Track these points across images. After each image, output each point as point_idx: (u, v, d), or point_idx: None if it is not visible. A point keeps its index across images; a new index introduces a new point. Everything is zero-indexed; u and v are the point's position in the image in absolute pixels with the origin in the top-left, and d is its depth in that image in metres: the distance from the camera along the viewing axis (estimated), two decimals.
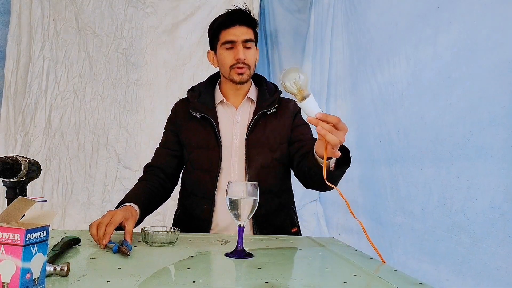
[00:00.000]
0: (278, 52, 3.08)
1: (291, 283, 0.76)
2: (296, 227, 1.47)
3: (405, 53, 1.69)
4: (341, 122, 0.96)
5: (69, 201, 2.78)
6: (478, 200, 1.23)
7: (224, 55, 1.39)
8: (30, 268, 0.58)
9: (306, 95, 0.96)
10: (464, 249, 1.29)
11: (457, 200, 1.33)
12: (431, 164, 1.49)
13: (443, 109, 1.43)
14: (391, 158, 1.79)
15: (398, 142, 1.74)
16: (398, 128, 1.74)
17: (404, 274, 0.87)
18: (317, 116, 0.95)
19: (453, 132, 1.36)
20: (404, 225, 1.66)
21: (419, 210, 1.55)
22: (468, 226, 1.27)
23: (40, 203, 0.64)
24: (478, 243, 1.23)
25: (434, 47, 1.49)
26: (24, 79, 2.77)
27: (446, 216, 1.38)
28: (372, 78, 2.01)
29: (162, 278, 0.77)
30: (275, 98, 1.44)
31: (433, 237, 1.46)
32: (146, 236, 1.07)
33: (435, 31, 1.49)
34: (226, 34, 1.37)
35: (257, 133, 1.39)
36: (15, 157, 0.87)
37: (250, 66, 1.38)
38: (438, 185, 1.43)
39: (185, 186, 1.48)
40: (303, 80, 0.96)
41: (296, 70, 0.97)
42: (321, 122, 0.95)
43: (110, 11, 2.89)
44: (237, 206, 0.96)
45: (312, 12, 3.09)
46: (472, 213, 1.26)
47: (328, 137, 0.94)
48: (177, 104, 1.53)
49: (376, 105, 1.97)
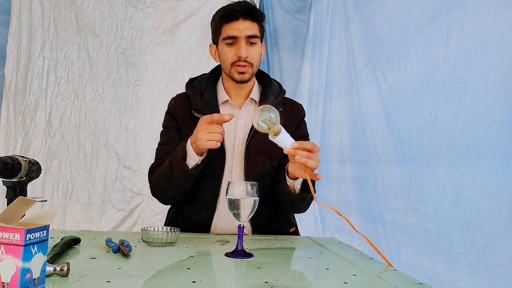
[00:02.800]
0: (277, 53, 3.09)
1: (291, 283, 0.76)
2: (293, 226, 1.46)
3: (416, 54, 1.69)
4: (315, 146, 1.04)
5: (69, 201, 2.78)
6: (494, 201, 1.23)
7: (225, 50, 1.29)
8: (30, 268, 0.58)
9: (278, 130, 1.02)
10: (479, 250, 1.28)
11: (472, 201, 1.32)
12: (445, 165, 1.48)
13: (457, 110, 1.42)
14: (402, 159, 1.78)
15: (410, 142, 1.73)
16: (410, 128, 1.73)
17: (404, 274, 0.87)
18: (293, 146, 1.03)
19: (467, 133, 1.36)
20: (415, 226, 1.66)
21: (432, 211, 1.55)
22: (484, 227, 1.27)
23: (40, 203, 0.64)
24: (494, 244, 1.22)
25: (447, 48, 1.49)
26: (24, 79, 2.77)
27: (460, 217, 1.37)
28: (381, 79, 2.00)
29: (162, 278, 0.77)
30: (279, 101, 1.37)
31: (446, 238, 1.45)
32: (146, 236, 1.07)
33: (446, 32, 1.49)
34: (228, 29, 1.27)
35: (258, 139, 1.31)
36: (15, 157, 0.87)
37: (252, 64, 1.29)
38: (452, 185, 1.43)
39: None
40: (274, 118, 1.02)
41: (268, 109, 1.03)
42: (298, 151, 1.02)
43: (110, 11, 2.90)
44: (237, 206, 0.97)
45: (311, 13, 3.09)
46: (488, 214, 1.25)
47: (309, 163, 1.02)
48: (175, 101, 1.42)
49: (385, 105, 1.96)
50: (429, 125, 1.59)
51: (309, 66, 3.06)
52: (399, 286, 0.77)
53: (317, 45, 2.94)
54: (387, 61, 1.95)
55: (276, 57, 3.08)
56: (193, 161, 1.20)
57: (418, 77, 1.68)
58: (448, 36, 1.48)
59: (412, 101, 1.73)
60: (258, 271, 0.84)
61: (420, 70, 1.67)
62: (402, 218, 1.76)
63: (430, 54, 1.60)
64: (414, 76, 1.71)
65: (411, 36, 1.74)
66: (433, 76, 1.58)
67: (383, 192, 1.93)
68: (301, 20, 3.11)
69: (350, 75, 2.36)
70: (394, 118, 1.87)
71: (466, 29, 1.38)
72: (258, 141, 1.32)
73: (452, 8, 1.46)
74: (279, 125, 1.03)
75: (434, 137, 1.55)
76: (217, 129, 1.13)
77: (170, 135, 1.38)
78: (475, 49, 1.34)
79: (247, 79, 1.31)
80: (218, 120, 1.13)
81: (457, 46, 1.43)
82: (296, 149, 1.02)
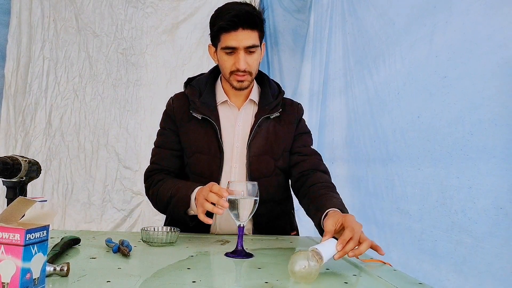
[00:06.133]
0: (277, 53, 3.09)
1: (291, 283, 0.76)
2: (295, 230, 1.46)
3: (400, 52, 1.69)
4: (353, 231, 0.89)
5: (69, 201, 2.78)
6: (480, 200, 1.23)
7: (224, 59, 1.27)
8: (30, 268, 0.58)
9: (321, 262, 0.81)
10: (465, 249, 1.28)
11: (458, 200, 1.32)
12: (429, 164, 1.48)
13: (440, 109, 1.42)
14: (386, 158, 1.78)
15: (394, 141, 1.73)
16: (394, 127, 1.74)
17: (404, 274, 0.87)
18: (337, 249, 0.87)
19: (452, 132, 1.36)
20: (400, 225, 1.66)
21: (416, 210, 1.55)
22: (470, 226, 1.27)
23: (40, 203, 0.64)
24: (481, 243, 1.22)
25: (430, 47, 1.48)
26: (24, 79, 2.77)
27: (445, 216, 1.38)
28: (368, 78, 2.00)
29: (162, 278, 0.77)
30: (278, 102, 1.36)
31: (431, 237, 1.45)
32: (146, 236, 1.07)
33: (431, 30, 1.48)
34: (227, 39, 1.22)
35: (259, 139, 1.31)
36: (15, 157, 0.87)
37: (251, 72, 1.28)
38: (437, 185, 1.43)
39: None
40: (314, 266, 0.77)
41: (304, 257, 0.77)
42: (346, 251, 0.87)
43: (110, 11, 2.90)
44: (237, 206, 0.96)
45: (311, 13, 3.09)
46: (474, 213, 1.25)
47: (361, 251, 0.90)
48: (173, 101, 1.39)
49: (371, 104, 1.96)
50: (412, 124, 1.59)
51: (309, 65, 3.06)
52: (399, 286, 0.77)
53: (317, 44, 2.94)
54: (373, 59, 1.95)
55: (276, 57, 3.08)
56: (194, 211, 1.16)
57: (401, 76, 1.68)
58: (432, 35, 1.47)
59: (395, 100, 1.73)
60: (258, 271, 0.84)
61: (403, 69, 1.67)
62: (388, 217, 1.76)
63: (414, 53, 1.59)
64: (398, 75, 1.71)
65: (398, 35, 1.74)
66: (415, 75, 1.58)
67: (374, 191, 1.93)
68: (301, 20, 3.11)
69: (346, 74, 2.36)
70: (379, 117, 1.88)
71: (451, 27, 1.37)
72: (260, 141, 1.32)
73: (438, 6, 1.44)
74: (315, 263, 0.78)
75: (417, 136, 1.55)
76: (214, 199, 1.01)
77: (167, 138, 1.37)
78: (460, 47, 1.33)
79: (246, 86, 1.30)
80: (218, 191, 1.01)
81: (441, 44, 1.42)
82: (344, 251, 0.87)
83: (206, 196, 1.01)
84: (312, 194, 1.22)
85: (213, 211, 1.00)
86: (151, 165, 1.36)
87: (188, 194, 1.14)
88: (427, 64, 1.50)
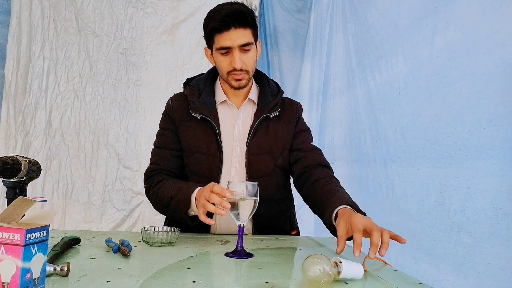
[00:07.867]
0: (277, 53, 3.09)
1: (291, 283, 0.76)
2: (295, 229, 1.46)
3: (403, 53, 1.69)
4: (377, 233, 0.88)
5: (69, 201, 2.78)
6: (479, 200, 1.23)
7: (220, 60, 1.27)
8: (30, 268, 0.58)
9: (339, 270, 0.77)
10: (464, 249, 1.28)
11: (456, 200, 1.32)
12: (429, 164, 1.48)
13: (440, 109, 1.42)
14: (387, 158, 1.78)
15: (394, 141, 1.73)
16: (395, 127, 1.74)
17: (404, 274, 0.87)
18: (365, 268, 0.84)
19: (451, 132, 1.36)
20: (400, 225, 1.66)
21: (415, 210, 1.55)
22: (469, 226, 1.27)
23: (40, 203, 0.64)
24: (480, 243, 1.22)
25: (431, 47, 1.48)
26: (24, 79, 2.77)
27: (444, 216, 1.38)
28: (370, 78, 2.01)
29: (162, 278, 0.77)
30: (277, 101, 1.36)
31: (430, 237, 1.45)
32: (146, 236, 1.07)
33: (432, 31, 1.48)
34: (220, 39, 1.23)
35: (258, 139, 1.31)
36: (15, 157, 0.87)
37: (248, 70, 1.28)
38: (436, 185, 1.43)
39: None
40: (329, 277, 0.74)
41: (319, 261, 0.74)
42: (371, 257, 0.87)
43: (110, 11, 2.90)
44: (237, 206, 0.96)
45: (312, 13, 3.09)
46: (473, 213, 1.25)
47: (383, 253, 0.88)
48: (172, 101, 1.39)
49: (373, 104, 1.97)
50: (412, 124, 1.59)
51: (309, 65, 3.06)
52: (399, 286, 0.77)
53: (317, 44, 2.94)
54: (376, 60, 1.95)
55: (276, 57, 3.08)
56: (194, 212, 1.16)
57: (403, 76, 1.68)
58: (433, 35, 1.47)
59: (396, 100, 1.73)
60: (259, 271, 0.84)
61: (405, 69, 1.67)
62: (388, 217, 1.76)
63: (416, 53, 1.60)
64: (400, 75, 1.71)
65: (400, 35, 1.74)
66: (416, 74, 1.58)
67: (374, 191, 1.93)
68: (301, 20, 3.11)
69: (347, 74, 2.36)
70: (380, 117, 1.88)
71: (452, 27, 1.38)
72: (259, 140, 1.32)
73: (439, 7, 1.45)
74: (332, 268, 0.75)
75: (417, 136, 1.55)
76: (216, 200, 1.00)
77: (167, 138, 1.37)
78: (460, 47, 1.33)
79: (244, 85, 1.30)
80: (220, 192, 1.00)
81: (441, 45, 1.43)
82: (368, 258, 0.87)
83: (208, 196, 1.00)
84: (318, 191, 1.21)
85: (215, 212, 0.99)
86: (151, 166, 1.36)
87: (189, 195, 1.14)
88: (428, 64, 1.50)
